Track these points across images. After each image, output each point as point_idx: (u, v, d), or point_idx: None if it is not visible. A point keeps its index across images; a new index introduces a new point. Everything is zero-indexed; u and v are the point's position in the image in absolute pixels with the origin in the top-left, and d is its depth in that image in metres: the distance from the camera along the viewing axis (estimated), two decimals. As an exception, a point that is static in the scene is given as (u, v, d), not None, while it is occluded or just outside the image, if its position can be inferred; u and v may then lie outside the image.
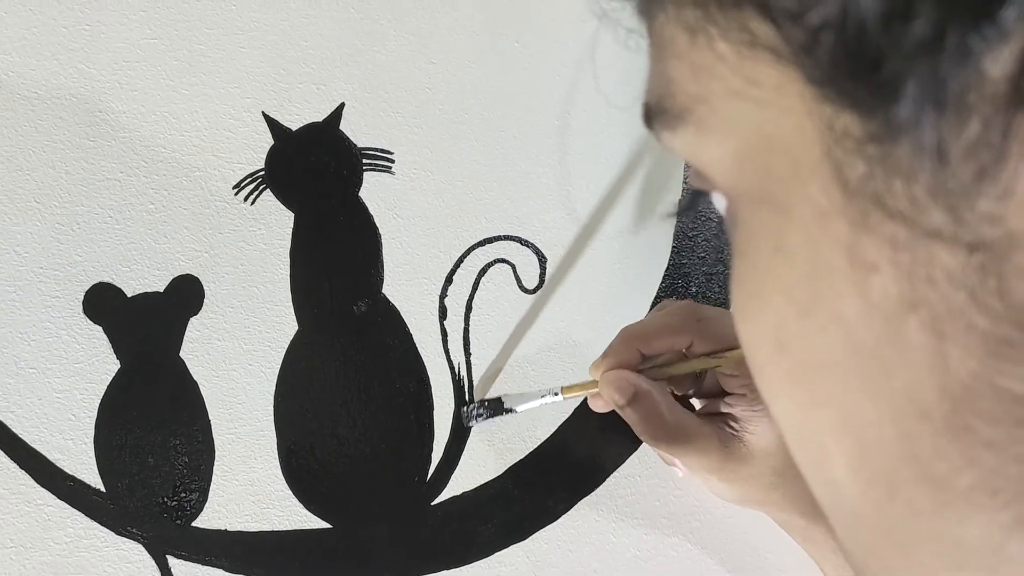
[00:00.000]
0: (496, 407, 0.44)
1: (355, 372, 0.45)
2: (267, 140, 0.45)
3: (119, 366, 0.43)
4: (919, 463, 0.16)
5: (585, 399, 0.48)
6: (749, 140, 0.17)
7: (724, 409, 0.42)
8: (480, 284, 0.47)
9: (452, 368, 0.46)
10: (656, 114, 0.20)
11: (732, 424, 0.42)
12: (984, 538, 0.16)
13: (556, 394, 0.43)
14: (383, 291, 0.46)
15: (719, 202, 0.20)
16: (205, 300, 0.44)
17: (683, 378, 0.44)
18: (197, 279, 0.44)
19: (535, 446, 0.47)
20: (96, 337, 0.42)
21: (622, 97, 0.50)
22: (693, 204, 0.46)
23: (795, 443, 0.19)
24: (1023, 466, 0.15)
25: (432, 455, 0.46)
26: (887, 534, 0.18)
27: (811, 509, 0.42)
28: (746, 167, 0.18)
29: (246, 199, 0.45)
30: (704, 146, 0.18)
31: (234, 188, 0.45)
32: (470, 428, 0.46)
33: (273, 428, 0.44)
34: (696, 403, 0.46)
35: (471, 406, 0.45)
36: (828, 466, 0.18)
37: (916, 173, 0.14)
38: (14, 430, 0.41)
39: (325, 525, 0.44)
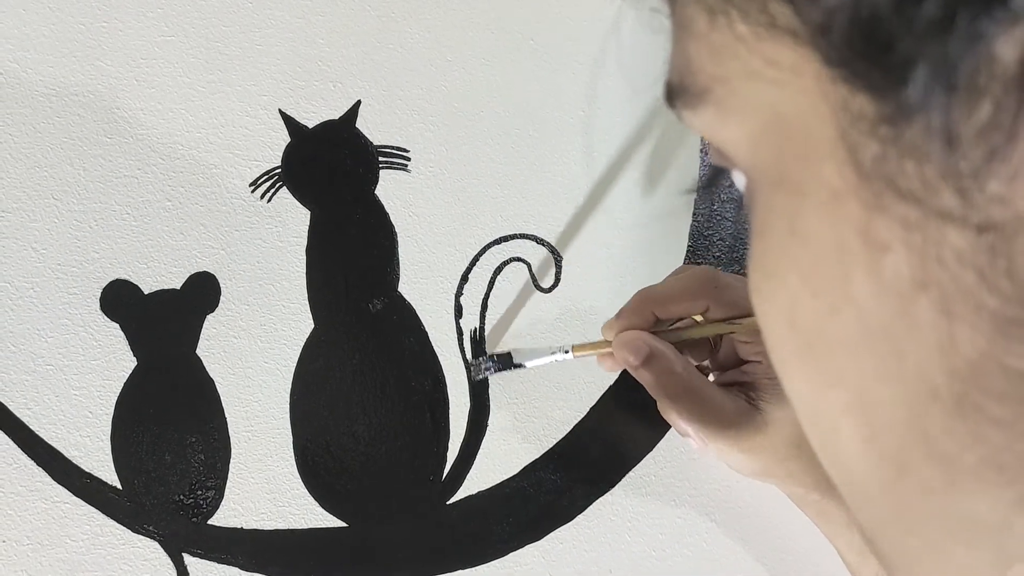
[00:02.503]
0: (505, 361, 0.44)
1: (371, 370, 0.45)
2: (284, 137, 0.45)
3: (136, 363, 0.43)
4: (929, 441, 0.16)
5: (611, 395, 0.48)
6: (766, 121, 0.17)
7: (741, 378, 0.42)
8: (496, 283, 0.47)
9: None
10: (677, 93, 0.20)
11: (749, 393, 0.42)
12: (991, 514, 0.16)
13: (566, 352, 0.43)
14: (399, 289, 0.46)
15: (739, 180, 0.20)
16: (221, 298, 0.44)
17: (698, 348, 0.44)
18: (214, 276, 0.44)
19: (550, 446, 0.47)
20: (113, 334, 0.42)
21: (641, 85, 0.50)
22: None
23: (808, 422, 0.20)
24: None
25: (448, 454, 0.46)
26: (897, 512, 0.18)
27: (826, 483, 0.42)
28: (762, 147, 0.18)
29: (262, 197, 0.45)
30: (723, 126, 0.19)
31: (251, 186, 0.45)
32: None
33: (289, 426, 0.44)
34: (710, 379, 0.46)
35: (481, 359, 0.45)
36: (840, 445, 0.19)
37: (927, 154, 0.14)
38: (31, 427, 0.41)
39: (340, 523, 0.44)
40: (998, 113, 0.14)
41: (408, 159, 0.47)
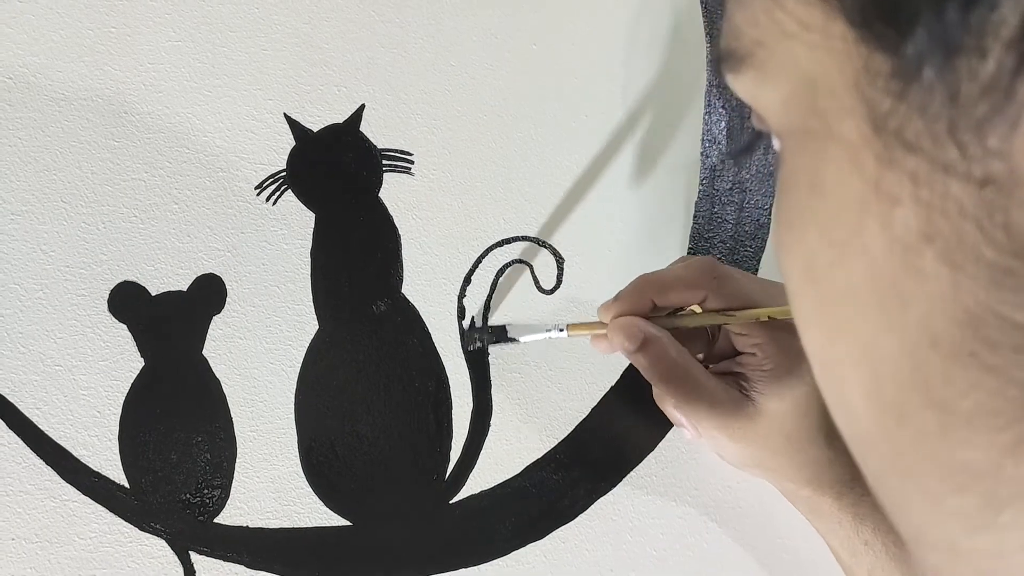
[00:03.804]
0: (500, 334, 0.45)
1: (374, 371, 0.45)
2: (289, 141, 0.46)
3: (143, 364, 0.43)
4: (927, 388, 0.17)
5: (612, 396, 0.48)
6: (798, 81, 0.18)
7: (735, 368, 0.43)
8: (498, 284, 0.48)
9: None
10: (724, 58, 0.21)
11: (742, 383, 0.42)
12: (984, 460, 0.17)
13: (561, 330, 0.43)
14: (402, 291, 0.46)
15: (776, 144, 0.21)
16: (227, 299, 0.44)
17: (696, 338, 0.45)
18: (220, 278, 0.44)
19: (552, 446, 0.47)
20: (121, 335, 0.43)
21: (643, 87, 0.50)
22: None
23: (820, 372, 0.21)
24: (1021, 390, 0.16)
25: (451, 453, 0.46)
26: (895, 461, 0.19)
27: (817, 479, 0.42)
28: (793, 107, 0.19)
29: (268, 199, 0.45)
30: (761, 89, 0.20)
31: (256, 188, 0.45)
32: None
33: (294, 426, 0.44)
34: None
35: (475, 329, 0.45)
36: (847, 395, 0.19)
37: (932, 109, 0.15)
38: (40, 426, 0.42)
39: (344, 522, 0.44)
40: (999, 71, 0.14)
41: (411, 162, 0.47)
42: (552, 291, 0.48)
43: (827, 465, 0.42)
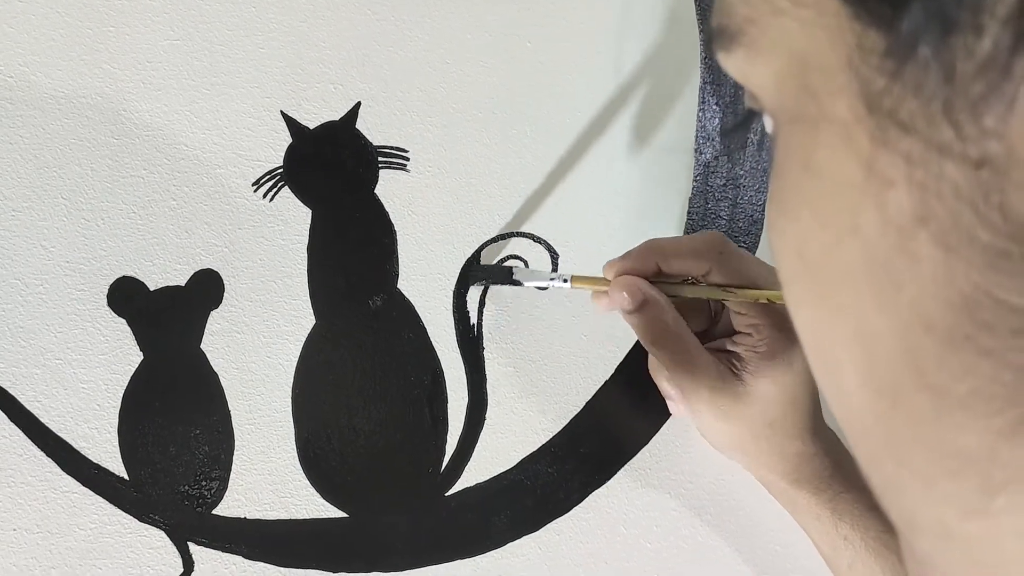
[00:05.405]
0: (504, 274, 0.45)
1: (371, 365, 0.46)
2: (285, 138, 0.46)
3: (142, 358, 0.44)
4: (921, 372, 0.17)
5: (607, 390, 0.49)
6: (790, 59, 0.18)
7: (729, 347, 0.43)
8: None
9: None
10: (715, 36, 0.21)
11: (734, 362, 0.42)
12: (979, 444, 0.17)
13: (565, 280, 0.44)
14: (398, 286, 0.47)
15: (768, 124, 0.21)
16: (225, 294, 0.45)
17: (698, 314, 0.45)
18: (217, 273, 0.45)
19: (547, 439, 0.48)
20: (120, 329, 0.44)
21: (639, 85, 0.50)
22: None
23: (813, 356, 0.20)
24: (1017, 374, 0.16)
25: (446, 447, 0.47)
26: (888, 444, 0.19)
27: (795, 472, 0.43)
28: (785, 86, 0.19)
29: (265, 196, 0.46)
30: (753, 67, 0.20)
31: (253, 185, 0.46)
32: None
33: (291, 419, 0.45)
34: None
35: (480, 267, 0.46)
36: (840, 378, 0.19)
37: (927, 88, 0.15)
38: (41, 419, 0.42)
39: (341, 514, 0.45)
40: (996, 50, 0.14)
41: (407, 159, 0.48)
42: (546, 287, 0.49)
43: (806, 459, 0.42)
